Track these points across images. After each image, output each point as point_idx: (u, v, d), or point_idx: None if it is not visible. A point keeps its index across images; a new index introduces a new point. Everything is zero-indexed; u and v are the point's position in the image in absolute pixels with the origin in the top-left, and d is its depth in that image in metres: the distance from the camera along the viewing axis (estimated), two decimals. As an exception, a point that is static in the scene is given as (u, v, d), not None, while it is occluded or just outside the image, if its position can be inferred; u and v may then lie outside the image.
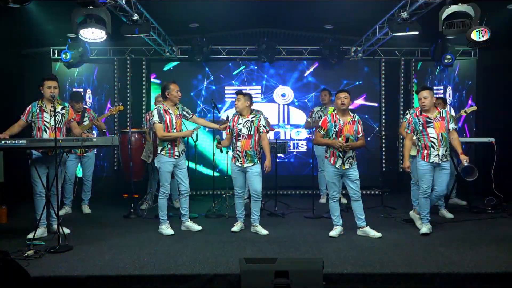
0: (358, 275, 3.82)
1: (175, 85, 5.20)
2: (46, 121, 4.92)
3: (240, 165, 5.15)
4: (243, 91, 5.36)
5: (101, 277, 3.78)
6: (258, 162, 5.20)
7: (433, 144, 4.98)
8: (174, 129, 5.15)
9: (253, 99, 6.90)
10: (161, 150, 5.14)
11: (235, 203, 5.37)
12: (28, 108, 4.95)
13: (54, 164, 4.61)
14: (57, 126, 4.74)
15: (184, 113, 5.33)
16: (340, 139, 4.91)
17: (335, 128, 4.96)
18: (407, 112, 6.32)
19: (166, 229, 5.15)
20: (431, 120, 5.00)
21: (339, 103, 4.97)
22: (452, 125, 5.02)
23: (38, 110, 4.92)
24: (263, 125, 5.20)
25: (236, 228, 5.27)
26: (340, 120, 4.97)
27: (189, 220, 5.34)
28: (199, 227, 5.29)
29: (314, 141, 5.25)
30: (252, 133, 5.14)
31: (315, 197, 6.43)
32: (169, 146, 5.12)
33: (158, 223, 5.28)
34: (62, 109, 5.03)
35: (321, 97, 7.20)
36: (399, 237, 4.95)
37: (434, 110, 5.05)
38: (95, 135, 6.56)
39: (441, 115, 5.03)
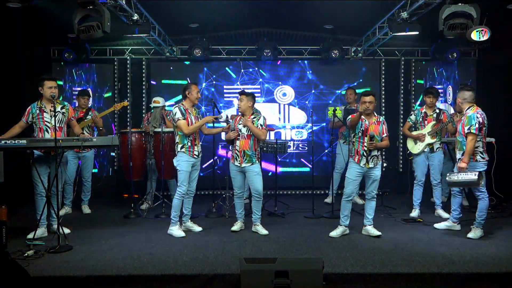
0: (358, 275, 3.82)
1: (196, 86, 5.19)
2: (47, 121, 4.92)
3: (238, 164, 5.14)
4: (246, 91, 5.31)
5: (101, 277, 3.78)
6: (257, 161, 5.19)
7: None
8: None
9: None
10: (181, 147, 5.07)
11: (234, 203, 5.36)
12: (27, 110, 4.95)
13: (55, 164, 4.62)
14: (58, 125, 4.76)
15: (199, 117, 5.29)
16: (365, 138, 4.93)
17: (361, 127, 4.98)
18: (411, 112, 6.34)
19: (177, 231, 5.05)
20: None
21: (364, 107, 4.92)
22: (465, 128, 4.83)
23: (38, 111, 4.91)
24: (260, 124, 5.17)
25: (235, 227, 5.27)
26: (365, 120, 4.99)
27: (189, 220, 5.33)
28: (199, 228, 5.28)
29: (349, 122, 5.07)
30: (251, 133, 5.13)
31: (315, 197, 6.42)
32: (189, 144, 5.06)
33: (158, 223, 5.30)
34: (62, 108, 5.04)
35: (347, 95, 7.03)
36: (399, 237, 4.95)
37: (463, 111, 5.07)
38: (95, 136, 6.56)
39: (461, 118, 5.03)
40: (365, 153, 4.93)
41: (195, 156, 5.10)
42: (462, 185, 5.01)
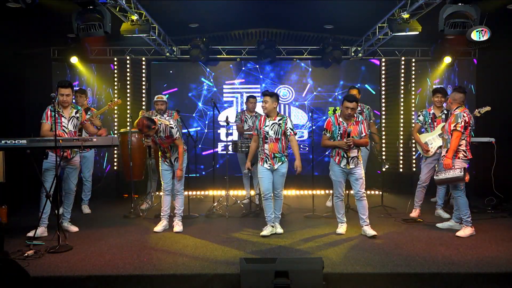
0: (358, 275, 3.82)
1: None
2: (64, 126, 4.97)
3: (269, 166, 5.08)
4: (270, 91, 5.21)
5: (101, 277, 3.78)
6: (286, 159, 5.15)
7: None
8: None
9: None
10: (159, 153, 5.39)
11: (263, 206, 5.20)
12: (47, 112, 4.94)
13: (67, 164, 4.80)
14: (73, 130, 5.02)
15: (170, 134, 5.18)
16: (344, 139, 4.93)
17: (339, 130, 4.98)
18: (419, 113, 6.18)
19: (157, 226, 5.28)
20: None
21: (346, 113, 4.93)
22: (451, 126, 5.05)
23: (56, 115, 4.82)
24: (290, 128, 5.10)
25: (265, 232, 5.06)
26: (344, 123, 4.98)
27: (176, 220, 5.29)
28: (178, 228, 5.23)
29: (322, 144, 5.23)
30: (279, 136, 5.07)
31: (315, 197, 6.42)
32: (161, 155, 5.34)
33: (158, 223, 5.31)
34: (76, 113, 5.11)
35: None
36: (399, 237, 4.95)
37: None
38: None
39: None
40: (345, 155, 4.96)
41: (166, 162, 5.33)
42: (449, 182, 5.11)
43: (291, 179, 8.09)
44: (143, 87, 8.25)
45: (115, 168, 8.09)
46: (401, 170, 8.21)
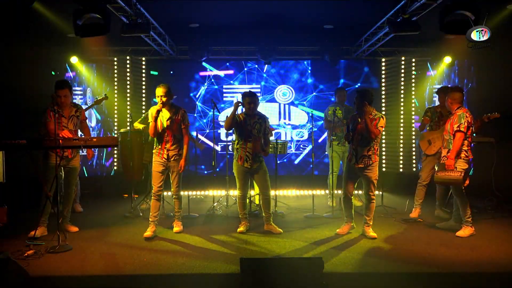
0: (358, 275, 3.82)
1: (157, 88, 5.11)
2: (64, 126, 4.96)
3: (249, 166, 5.12)
4: (252, 92, 5.26)
5: (101, 277, 3.78)
6: (262, 158, 5.21)
7: None
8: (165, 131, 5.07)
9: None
10: (154, 148, 5.13)
11: (239, 203, 5.26)
12: (49, 112, 4.88)
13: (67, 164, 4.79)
14: (74, 129, 4.97)
15: (183, 119, 5.14)
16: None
17: (353, 126, 4.98)
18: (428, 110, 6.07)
19: (147, 231, 4.97)
20: None
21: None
22: (454, 126, 4.98)
23: (56, 115, 4.75)
24: (268, 127, 5.23)
25: (242, 228, 5.19)
26: (359, 119, 4.93)
27: (175, 221, 5.26)
28: (178, 228, 5.22)
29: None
30: (261, 134, 5.14)
31: (315, 197, 6.42)
32: (159, 146, 5.06)
33: (157, 223, 5.30)
34: (76, 111, 5.10)
35: (341, 96, 6.77)
36: (399, 237, 4.95)
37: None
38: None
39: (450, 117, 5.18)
40: (354, 152, 4.94)
41: (164, 158, 5.04)
42: (449, 183, 5.06)
43: (291, 179, 8.18)
44: (143, 87, 8.25)
45: (115, 168, 8.09)
46: (401, 170, 8.21)
